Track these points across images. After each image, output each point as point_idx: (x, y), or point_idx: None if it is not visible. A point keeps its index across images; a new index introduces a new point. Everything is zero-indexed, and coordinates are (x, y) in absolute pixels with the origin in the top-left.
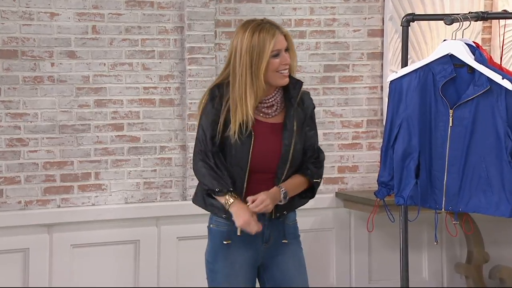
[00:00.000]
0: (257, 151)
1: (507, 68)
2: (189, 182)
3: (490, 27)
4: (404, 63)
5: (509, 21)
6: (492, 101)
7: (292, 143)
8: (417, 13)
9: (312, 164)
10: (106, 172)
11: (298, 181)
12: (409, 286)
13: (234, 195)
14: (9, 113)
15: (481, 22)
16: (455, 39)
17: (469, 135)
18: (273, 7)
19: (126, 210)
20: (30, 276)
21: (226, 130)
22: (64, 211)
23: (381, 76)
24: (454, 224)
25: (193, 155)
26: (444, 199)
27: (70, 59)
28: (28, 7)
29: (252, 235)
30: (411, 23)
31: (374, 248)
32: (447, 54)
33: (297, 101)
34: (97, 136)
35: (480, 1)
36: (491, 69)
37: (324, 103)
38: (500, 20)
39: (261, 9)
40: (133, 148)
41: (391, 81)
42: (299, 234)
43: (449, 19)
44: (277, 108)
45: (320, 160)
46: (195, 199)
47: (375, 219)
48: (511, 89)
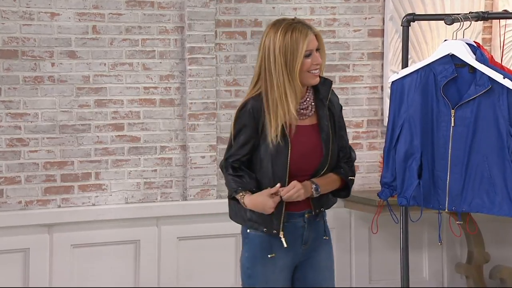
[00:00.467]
0: (296, 155)
1: (508, 68)
2: (189, 182)
3: (491, 27)
4: (405, 63)
5: (510, 21)
6: (494, 101)
7: (330, 143)
8: (418, 13)
9: (345, 164)
10: (107, 172)
11: (331, 179)
12: (410, 286)
13: (249, 192)
14: (10, 113)
15: (482, 22)
16: (456, 39)
17: (471, 135)
18: (274, 7)
19: (127, 210)
20: (30, 276)
21: (263, 141)
22: (65, 211)
23: (382, 76)
24: (458, 225)
25: (222, 165)
26: (447, 200)
27: (71, 59)
28: (29, 7)
29: (292, 239)
30: (412, 23)
31: (375, 248)
32: (448, 54)
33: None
34: (98, 136)
35: (481, 1)
36: (492, 69)
37: None
38: (501, 20)
39: (262, 9)
40: (134, 148)
41: (393, 82)
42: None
43: (450, 19)
44: (311, 109)
45: (352, 159)
46: (232, 215)
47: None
48: None
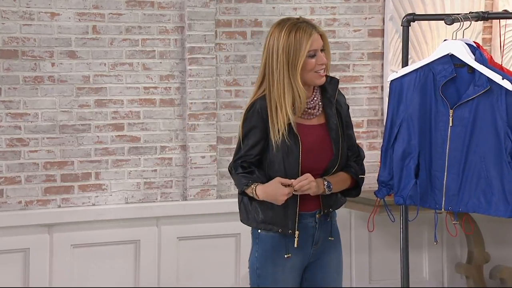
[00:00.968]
0: (306, 155)
1: (508, 68)
2: (189, 182)
3: (491, 27)
4: (405, 63)
5: (510, 21)
6: (492, 101)
7: (340, 142)
8: (418, 13)
9: (355, 162)
10: (107, 172)
11: (341, 177)
12: (410, 286)
13: (260, 183)
14: (10, 113)
15: (482, 22)
16: (456, 39)
17: (469, 135)
18: (274, 7)
19: (127, 210)
20: (31, 276)
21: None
22: (65, 211)
23: (382, 76)
24: (454, 224)
25: (231, 166)
26: (444, 199)
27: (71, 59)
28: (29, 7)
29: (303, 239)
30: (412, 23)
31: (375, 248)
32: (448, 54)
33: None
34: (98, 136)
35: (481, 1)
36: (491, 69)
37: None
38: (501, 20)
39: (262, 9)
40: (134, 148)
41: (391, 81)
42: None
43: (450, 19)
44: (319, 108)
45: (361, 157)
46: (244, 218)
47: (376, 219)
48: (511, 90)
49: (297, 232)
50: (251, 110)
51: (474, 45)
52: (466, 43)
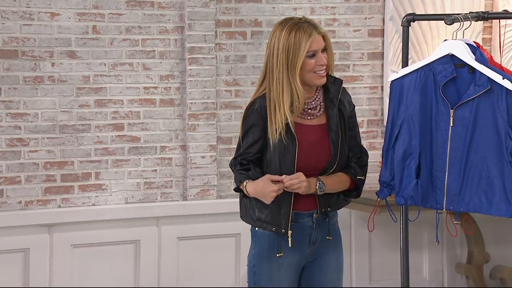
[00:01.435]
0: (303, 155)
1: (508, 68)
2: (189, 182)
3: (491, 27)
4: (405, 63)
5: (510, 21)
6: (493, 101)
7: (339, 143)
8: (418, 13)
9: (355, 163)
10: (107, 172)
11: (339, 178)
12: (410, 286)
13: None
14: (10, 113)
15: (482, 22)
16: (456, 39)
17: (470, 135)
18: (274, 7)
19: (127, 210)
20: (31, 276)
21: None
22: (65, 211)
23: (382, 76)
24: (455, 224)
25: (231, 163)
26: (445, 199)
27: (71, 59)
28: (29, 7)
29: (300, 239)
30: (412, 23)
31: (375, 248)
32: (448, 54)
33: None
34: (98, 136)
35: (481, 1)
36: (492, 69)
37: None
38: (501, 20)
39: (262, 9)
40: (134, 148)
41: (392, 81)
42: (341, 235)
43: (450, 19)
44: (320, 109)
45: (363, 159)
46: (242, 215)
47: (376, 219)
48: None
49: (290, 232)
50: (251, 109)
51: (474, 45)
52: (466, 43)
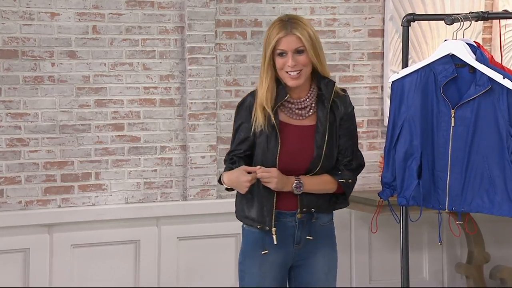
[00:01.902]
0: (285, 155)
1: (508, 68)
2: (189, 182)
3: (491, 27)
4: (405, 63)
5: (510, 21)
6: (494, 101)
7: (324, 146)
8: (418, 13)
9: (344, 166)
10: (107, 172)
11: (322, 179)
12: (410, 286)
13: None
14: (10, 113)
15: (482, 22)
16: (456, 39)
17: (471, 135)
18: (274, 7)
19: (127, 210)
20: (31, 276)
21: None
22: (65, 211)
23: (382, 76)
24: (458, 225)
25: (225, 159)
26: (448, 199)
27: (71, 59)
28: (29, 7)
29: (283, 238)
30: (412, 23)
31: (375, 248)
32: (448, 54)
33: (330, 103)
34: (98, 136)
35: (481, 1)
36: (492, 69)
37: None
38: (501, 20)
39: (262, 9)
40: (134, 148)
41: (393, 82)
42: (334, 236)
43: (450, 19)
44: (310, 109)
45: (353, 164)
46: (236, 213)
47: (377, 220)
48: None
49: (274, 229)
50: (242, 106)
51: (475, 45)
52: (467, 43)
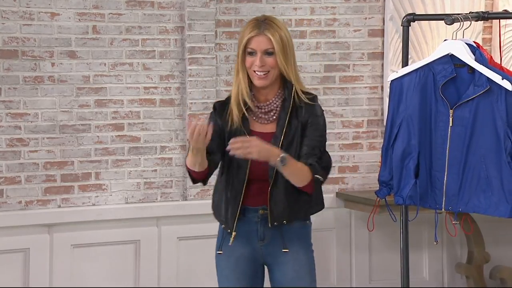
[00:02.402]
0: (252, 161)
1: (508, 69)
2: (190, 182)
3: (491, 27)
4: (405, 63)
5: (510, 21)
6: (492, 101)
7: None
8: (418, 13)
9: (316, 162)
10: (107, 172)
11: (301, 165)
12: (410, 286)
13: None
14: (10, 113)
15: (482, 22)
16: (456, 39)
17: (469, 135)
18: (274, 7)
19: (127, 210)
20: (31, 276)
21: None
22: (65, 211)
23: (382, 76)
24: (454, 224)
25: None
26: (444, 199)
27: (71, 59)
28: (29, 7)
29: (247, 233)
30: (412, 23)
31: (375, 248)
32: (448, 54)
33: (291, 109)
34: (98, 136)
35: (481, 1)
36: (491, 69)
37: (325, 103)
38: (501, 20)
39: (262, 9)
40: (134, 148)
41: (392, 81)
42: (308, 236)
43: (450, 19)
44: (274, 114)
45: (324, 161)
46: (212, 206)
47: (376, 219)
48: (511, 90)
49: (234, 233)
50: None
51: (474, 45)
52: (466, 43)
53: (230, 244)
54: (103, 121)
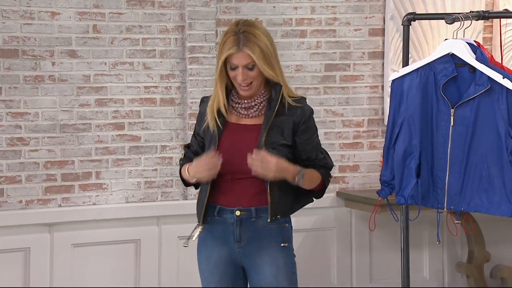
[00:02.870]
0: (224, 150)
1: (508, 68)
2: None
3: (491, 26)
4: (405, 63)
5: (510, 20)
6: (493, 101)
7: (263, 145)
8: (418, 12)
9: (321, 167)
10: (107, 172)
11: (314, 173)
12: (410, 286)
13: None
14: (10, 113)
15: (482, 21)
16: (456, 38)
17: (471, 135)
18: (274, 6)
19: (127, 210)
20: (31, 276)
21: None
22: (65, 211)
23: (382, 76)
24: (456, 224)
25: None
26: (446, 199)
27: (71, 58)
28: (29, 6)
29: (224, 235)
30: (412, 22)
31: (375, 248)
32: (448, 53)
33: (278, 107)
34: (98, 136)
35: (481, 0)
36: (492, 68)
37: (325, 103)
38: (501, 19)
39: (262, 8)
40: (134, 148)
41: (393, 81)
42: (289, 238)
43: (450, 18)
44: (256, 110)
45: (328, 163)
46: None
47: (377, 219)
48: None
49: (201, 227)
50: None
51: (475, 44)
52: (467, 42)
53: (194, 239)
54: (104, 121)
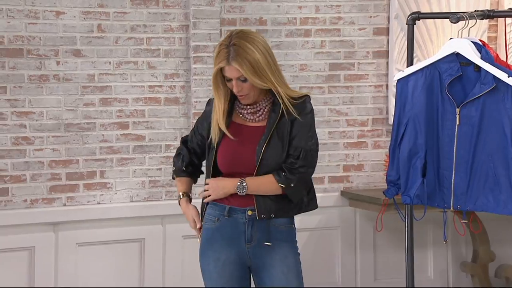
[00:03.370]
0: (224, 152)
1: None
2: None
3: (496, 25)
4: (410, 62)
5: None
6: (499, 100)
7: (263, 148)
8: (423, 12)
9: (286, 168)
10: (112, 171)
11: (267, 179)
12: (415, 285)
13: (184, 191)
14: (15, 112)
15: (487, 20)
16: (461, 38)
17: (476, 134)
18: (278, 6)
19: (132, 209)
20: (36, 275)
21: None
22: (70, 210)
23: (387, 75)
24: (463, 223)
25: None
26: (453, 198)
27: (76, 58)
28: (34, 6)
29: (235, 235)
30: (417, 22)
31: (380, 247)
32: (453, 53)
33: (281, 110)
34: (103, 135)
35: None
36: (497, 67)
37: (329, 102)
38: (506, 18)
39: (266, 8)
40: (138, 147)
41: (398, 80)
42: (295, 239)
43: (455, 18)
44: (262, 114)
45: (295, 165)
46: None
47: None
48: None
49: (200, 226)
50: (208, 105)
51: (480, 43)
52: (472, 42)
53: (199, 241)
54: (108, 120)
